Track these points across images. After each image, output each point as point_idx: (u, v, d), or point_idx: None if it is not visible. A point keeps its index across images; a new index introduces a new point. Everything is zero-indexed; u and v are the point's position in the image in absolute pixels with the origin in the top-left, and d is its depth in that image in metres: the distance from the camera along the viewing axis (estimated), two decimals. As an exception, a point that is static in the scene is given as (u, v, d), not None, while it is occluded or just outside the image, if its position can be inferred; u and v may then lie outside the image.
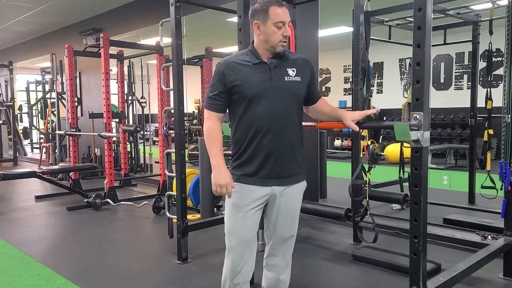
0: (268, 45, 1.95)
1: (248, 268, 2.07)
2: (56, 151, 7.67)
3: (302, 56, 2.09)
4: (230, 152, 2.08)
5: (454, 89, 9.55)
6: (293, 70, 1.98)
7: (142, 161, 7.72)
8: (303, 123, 2.19)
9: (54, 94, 7.66)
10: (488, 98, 4.18)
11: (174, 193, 3.47)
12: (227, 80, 1.95)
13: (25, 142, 11.46)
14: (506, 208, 2.87)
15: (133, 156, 7.60)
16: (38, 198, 5.92)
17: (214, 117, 2.00)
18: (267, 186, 1.98)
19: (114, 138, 5.94)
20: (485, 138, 4.19)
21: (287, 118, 1.97)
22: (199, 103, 9.22)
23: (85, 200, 5.26)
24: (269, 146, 1.94)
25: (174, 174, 3.43)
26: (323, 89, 12.13)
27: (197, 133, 8.54)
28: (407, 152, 3.94)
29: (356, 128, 2.03)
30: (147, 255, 3.66)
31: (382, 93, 10.85)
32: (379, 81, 10.88)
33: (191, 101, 10.77)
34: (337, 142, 11.11)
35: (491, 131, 4.20)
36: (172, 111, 3.37)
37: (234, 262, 2.03)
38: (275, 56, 1.98)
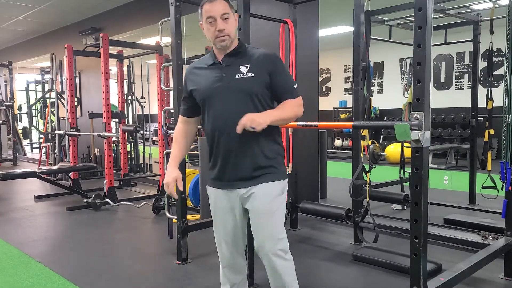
0: (212, 43, 1.94)
1: (232, 270, 2.09)
2: (55, 151, 7.66)
3: (263, 51, 1.96)
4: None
5: (455, 89, 9.54)
6: (247, 66, 1.90)
7: (141, 161, 7.72)
8: (304, 123, 2.17)
9: (53, 94, 7.65)
10: (489, 98, 4.17)
11: (174, 193, 3.46)
12: (187, 86, 2.05)
13: (25, 142, 11.46)
14: (507, 208, 2.86)
15: (132, 156, 7.59)
16: (38, 198, 5.91)
17: (181, 120, 2.13)
18: (233, 188, 1.96)
19: (113, 138, 5.93)
20: (486, 138, 4.18)
21: (240, 117, 1.83)
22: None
23: (85, 200, 5.25)
24: (226, 147, 1.93)
25: (174, 174, 3.41)
26: (323, 88, 12.12)
27: (197, 133, 8.52)
28: (408, 152, 3.93)
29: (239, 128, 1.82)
30: (147, 255, 3.65)
31: (382, 92, 10.85)
32: (379, 80, 10.87)
33: (191, 101, 10.76)
34: (338, 142, 11.11)
35: (491, 131, 4.19)
36: (172, 111, 3.36)
37: (221, 261, 2.11)
38: (229, 54, 1.93)
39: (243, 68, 1.90)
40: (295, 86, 1.97)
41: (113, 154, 6.09)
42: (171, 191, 2.02)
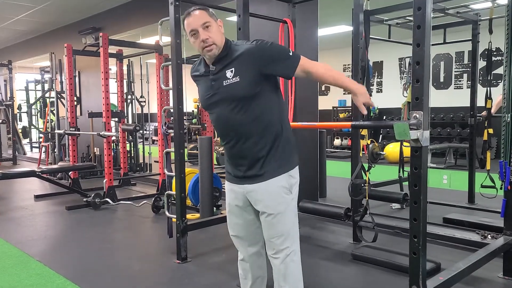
0: (202, 55, 1.95)
1: (247, 265, 2.09)
2: (55, 150, 7.66)
3: (246, 47, 1.86)
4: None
5: (454, 88, 9.55)
6: (232, 71, 1.85)
7: (141, 161, 7.72)
8: (303, 123, 2.15)
9: (53, 93, 7.65)
10: (488, 97, 4.18)
11: (173, 192, 3.47)
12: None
13: (24, 141, 11.45)
14: (506, 207, 2.86)
15: (132, 155, 7.59)
16: (38, 197, 5.91)
17: None
18: (240, 184, 1.98)
19: (113, 137, 5.93)
20: (485, 137, 4.19)
21: (235, 124, 1.89)
22: (199, 102, 9.21)
23: (85, 199, 5.25)
24: (231, 150, 1.97)
25: (174, 174, 3.42)
26: (323, 88, 12.12)
27: (196, 132, 8.52)
28: (407, 152, 3.94)
29: (365, 111, 1.93)
30: (147, 254, 3.65)
31: (381, 92, 10.85)
32: (378, 80, 10.88)
33: (191, 100, 10.75)
34: (337, 141, 11.11)
35: (490, 130, 4.20)
36: (172, 110, 3.36)
37: (239, 255, 2.11)
38: (217, 60, 1.90)
39: (228, 73, 1.85)
40: (290, 54, 1.88)
41: (112, 154, 6.09)
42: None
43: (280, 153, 1.92)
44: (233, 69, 1.85)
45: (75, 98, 6.58)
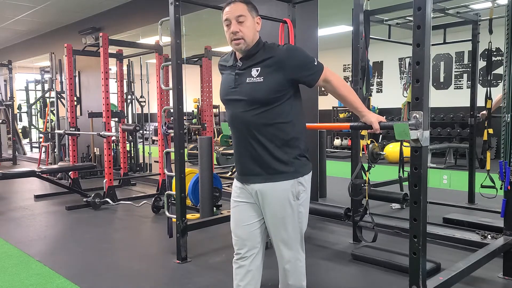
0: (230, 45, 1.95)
1: (243, 264, 2.10)
2: (55, 150, 7.66)
3: (277, 51, 1.87)
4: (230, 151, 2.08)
5: (454, 88, 9.54)
6: (257, 70, 1.86)
7: (141, 161, 7.72)
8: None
9: (53, 93, 7.65)
10: (488, 97, 4.17)
11: (173, 192, 3.47)
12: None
13: (24, 141, 11.45)
14: (506, 207, 2.86)
15: (132, 155, 7.59)
16: (38, 197, 5.91)
17: None
18: (247, 183, 1.97)
19: (113, 138, 5.93)
20: (485, 137, 4.19)
21: (249, 125, 1.88)
22: (199, 102, 9.21)
23: (85, 199, 5.25)
24: (239, 148, 1.96)
25: (174, 174, 3.42)
26: (323, 88, 12.10)
27: (196, 132, 8.52)
28: (407, 152, 3.94)
29: (379, 130, 1.93)
30: (147, 254, 3.65)
31: (381, 92, 10.84)
32: (378, 80, 10.87)
33: (191, 100, 10.76)
34: (337, 141, 11.10)
35: (490, 131, 4.20)
36: (172, 110, 3.36)
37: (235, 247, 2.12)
38: (245, 56, 1.91)
39: (254, 72, 1.86)
40: (315, 63, 1.90)
41: (112, 154, 6.09)
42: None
43: (291, 159, 1.90)
44: (259, 68, 1.85)
45: (75, 98, 6.57)
